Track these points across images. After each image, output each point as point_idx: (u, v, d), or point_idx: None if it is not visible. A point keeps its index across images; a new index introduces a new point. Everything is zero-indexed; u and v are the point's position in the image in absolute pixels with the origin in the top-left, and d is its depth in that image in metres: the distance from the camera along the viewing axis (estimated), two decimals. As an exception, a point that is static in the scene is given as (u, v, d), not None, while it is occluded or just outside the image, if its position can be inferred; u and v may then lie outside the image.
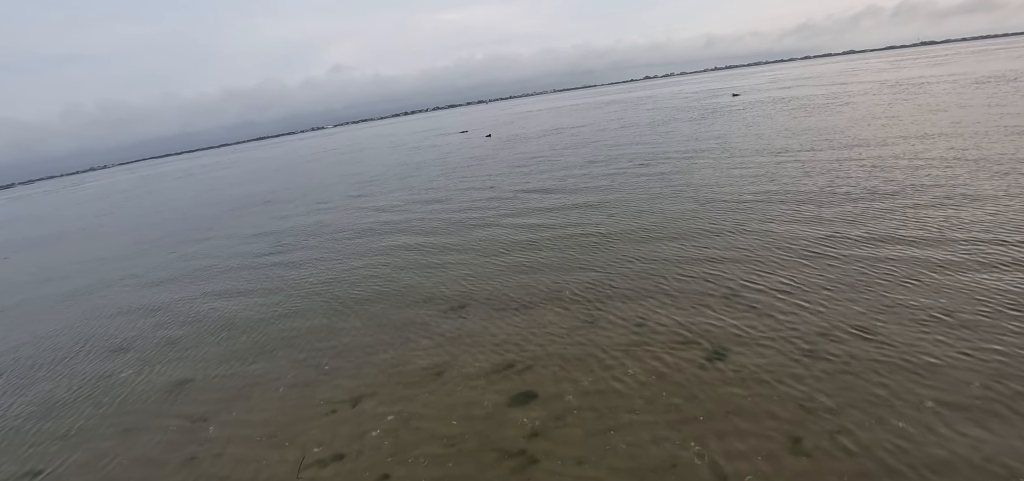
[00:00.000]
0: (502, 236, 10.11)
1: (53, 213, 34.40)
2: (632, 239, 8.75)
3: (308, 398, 5.21)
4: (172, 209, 23.99)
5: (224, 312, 8.17)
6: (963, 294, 5.36)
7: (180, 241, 15.08)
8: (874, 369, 4.36)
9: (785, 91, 40.29)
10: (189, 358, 6.65)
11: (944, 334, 4.72)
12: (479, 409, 4.59)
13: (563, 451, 3.93)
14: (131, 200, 33.56)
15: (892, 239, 7.06)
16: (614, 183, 13.77)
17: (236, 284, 9.63)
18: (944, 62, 54.90)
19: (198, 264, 11.75)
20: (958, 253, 6.33)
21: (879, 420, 3.77)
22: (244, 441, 4.69)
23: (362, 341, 6.34)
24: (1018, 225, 6.92)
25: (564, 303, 6.56)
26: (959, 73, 35.46)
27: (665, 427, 4.01)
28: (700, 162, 14.87)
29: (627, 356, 5.10)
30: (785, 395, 4.19)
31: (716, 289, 6.31)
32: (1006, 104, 17.84)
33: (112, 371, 6.63)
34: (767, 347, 4.91)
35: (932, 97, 23.16)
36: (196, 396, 5.64)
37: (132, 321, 8.48)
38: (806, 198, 9.57)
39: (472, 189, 16.07)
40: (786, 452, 3.61)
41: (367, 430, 4.54)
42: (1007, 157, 10.52)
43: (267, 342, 6.74)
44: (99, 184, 69.12)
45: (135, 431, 5.16)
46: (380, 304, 7.47)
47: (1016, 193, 8.22)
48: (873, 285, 5.84)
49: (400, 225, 12.54)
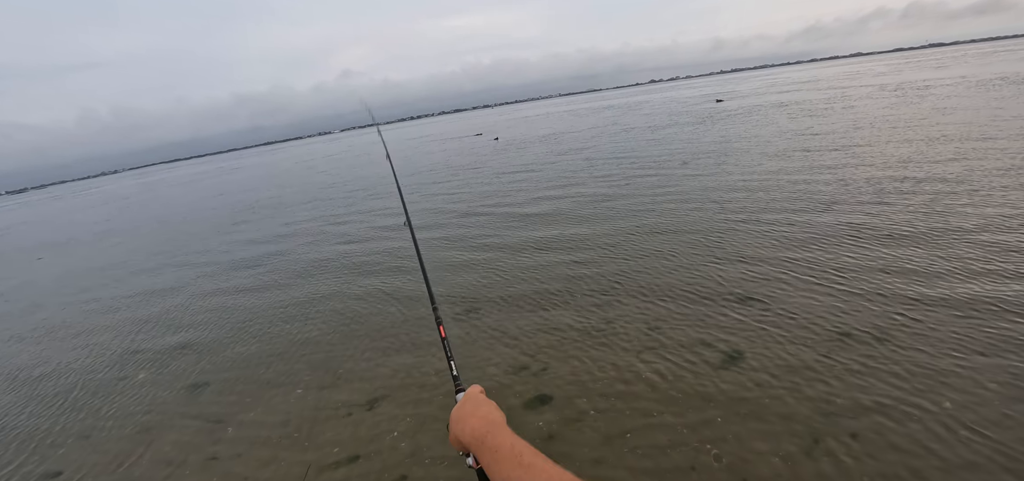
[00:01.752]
0: (511, 239, 10.15)
1: (43, 223, 34.56)
2: (642, 242, 8.75)
3: (324, 401, 5.26)
4: (175, 211, 24.26)
5: (237, 313, 8.26)
6: (980, 300, 5.33)
7: (185, 239, 15.25)
8: (892, 371, 4.35)
9: (783, 95, 40.12)
10: (204, 362, 6.73)
11: (962, 336, 4.70)
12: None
13: (580, 453, 3.95)
14: (131, 208, 33.71)
15: (905, 241, 7.04)
16: (619, 187, 13.79)
17: (247, 285, 9.73)
18: (948, 65, 54.53)
19: (204, 261, 11.88)
20: (974, 259, 6.30)
21: (898, 421, 3.77)
22: (263, 443, 4.75)
23: (376, 344, 6.39)
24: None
25: (577, 305, 6.58)
26: (960, 76, 35.22)
27: (682, 430, 4.02)
28: (699, 166, 14.87)
29: (642, 358, 5.11)
30: (802, 397, 4.18)
31: (731, 291, 6.31)
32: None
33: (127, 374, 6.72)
34: (783, 349, 4.90)
35: (930, 102, 23.01)
36: (213, 398, 5.71)
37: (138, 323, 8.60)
38: (815, 202, 9.55)
39: (480, 189, 16.16)
40: (804, 454, 3.61)
41: (384, 432, 4.58)
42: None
43: (281, 345, 6.81)
44: (104, 190, 69.47)
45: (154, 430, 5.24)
46: (393, 306, 7.53)
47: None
48: (887, 287, 5.82)
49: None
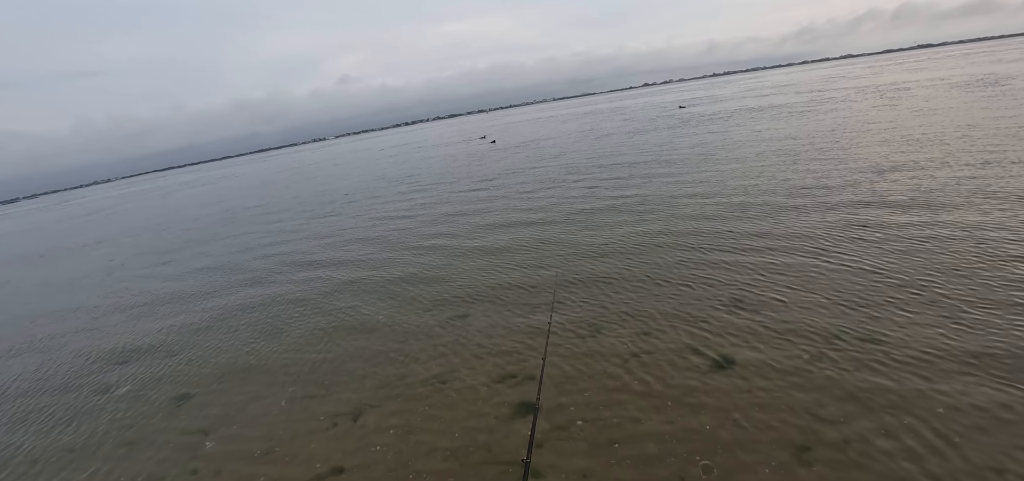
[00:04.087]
0: (501, 244, 10.08)
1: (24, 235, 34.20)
2: (631, 247, 8.71)
3: (309, 412, 5.15)
4: (160, 219, 24.00)
5: (224, 322, 8.11)
6: (969, 298, 5.31)
7: (179, 243, 15.04)
8: (882, 375, 4.31)
9: (763, 99, 40.53)
10: (186, 373, 6.58)
11: (953, 337, 4.67)
12: (481, 421, 4.53)
13: (567, 464, 3.87)
14: (107, 220, 33.19)
15: (894, 234, 7.04)
16: (606, 191, 13.77)
17: (238, 293, 9.57)
18: (923, 67, 55.33)
19: (201, 267, 11.71)
20: (964, 254, 6.29)
21: (889, 427, 3.72)
22: (243, 457, 4.62)
23: (364, 352, 6.28)
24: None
25: (566, 312, 6.50)
26: (938, 78, 35.74)
27: (671, 439, 3.95)
28: (679, 169, 14.90)
29: (631, 366, 5.04)
30: (793, 403, 4.12)
31: (720, 296, 6.26)
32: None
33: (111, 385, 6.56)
34: (773, 354, 4.85)
35: (903, 104, 23.27)
36: (195, 412, 5.57)
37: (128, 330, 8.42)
38: (798, 196, 9.55)
39: (470, 193, 16.08)
40: (795, 462, 3.55)
41: (369, 444, 4.47)
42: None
43: (268, 356, 6.67)
44: (87, 201, 68.05)
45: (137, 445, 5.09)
46: (383, 314, 7.42)
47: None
48: (878, 290, 5.79)
49: (388, 239, 12.48)
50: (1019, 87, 23.44)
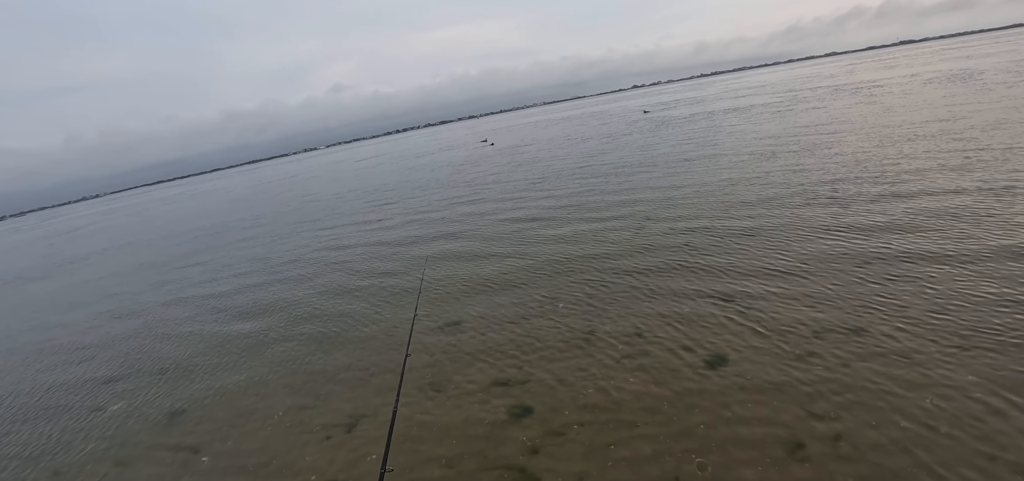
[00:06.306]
0: (496, 247, 10.08)
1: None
2: (625, 246, 8.75)
3: (304, 424, 5.10)
4: (146, 234, 23.68)
5: (216, 336, 8.01)
6: (961, 295, 5.41)
7: (173, 256, 14.85)
8: (874, 370, 4.37)
9: (737, 101, 41.02)
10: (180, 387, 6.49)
11: (941, 333, 4.75)
12: (477, 427, 4.52)
13: (564, 467, 3.87)
14: (72, 241, 31.68)
15: (887, 235, 7.14)
16: (591, 198, 13.84)
17: (229, 307, 9.47)
18: (897, 64, 56.36)
19: (196, 279, 11.55)
20: (955, 251, 6.41)
21: (881, 422, 3.77)
22: (239, 471, 4.56)
23: (359, 362, 6.24)
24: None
25: (559, 315, 6.52)
26: (910, 74, 36.44)
27: (666, 439, 3.97)
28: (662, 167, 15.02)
29: (625, 368, 5.07)
30: (786, 400, 4.17)
31: (713, 295, 6.32)
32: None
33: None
34: (766, 352, 4.90)
35: (873, 102, 23.70)
36: (190, 427, 5.49)
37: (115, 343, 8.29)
38: (794, 195, 9.68)
39: (459, 200, 16.08)
40: (789, 458, 3.58)
41: (364, 454, 4.44)
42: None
43: (262, 369, 6.61)
44: (62, 222, 64.87)
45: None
46: (375, 324, 7.38)
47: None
48: (870, 286, 5.88)
49: (379, 249, 12.43)
50: (991, 82, 23.96)
